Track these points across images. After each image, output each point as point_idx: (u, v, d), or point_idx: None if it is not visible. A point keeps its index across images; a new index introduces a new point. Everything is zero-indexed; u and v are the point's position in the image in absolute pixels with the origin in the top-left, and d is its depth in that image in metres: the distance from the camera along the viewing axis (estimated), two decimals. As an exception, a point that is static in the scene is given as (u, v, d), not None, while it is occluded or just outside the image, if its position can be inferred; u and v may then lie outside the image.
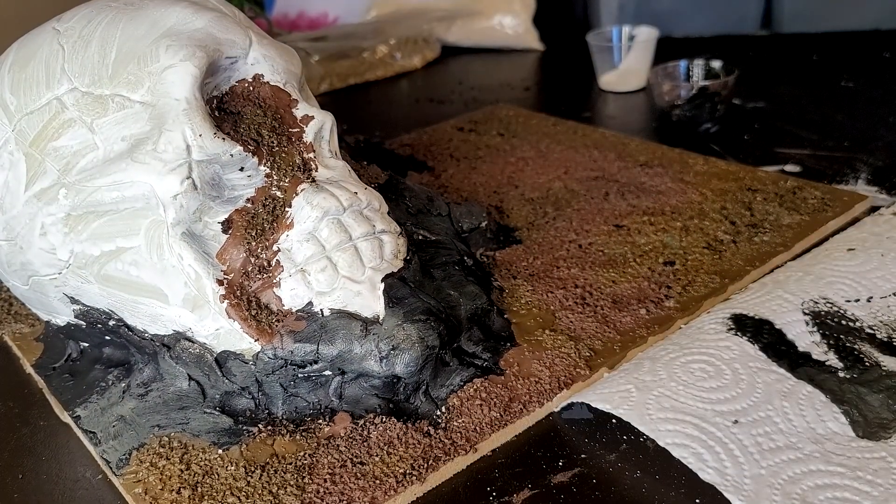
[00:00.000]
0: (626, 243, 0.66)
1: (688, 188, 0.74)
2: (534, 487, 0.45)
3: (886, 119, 0.88)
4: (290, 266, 0.49)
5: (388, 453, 0.47)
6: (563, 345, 0.54)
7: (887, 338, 0.52)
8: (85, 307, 0.53)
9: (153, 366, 0.53)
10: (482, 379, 0.52)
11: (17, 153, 0.51)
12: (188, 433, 0.50)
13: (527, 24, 1.31)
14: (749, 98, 0.98)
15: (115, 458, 0.49)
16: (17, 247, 0.52)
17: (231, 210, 0.50)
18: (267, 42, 0.54)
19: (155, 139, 0.48)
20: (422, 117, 1.05)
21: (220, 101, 0.52)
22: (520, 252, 0.67)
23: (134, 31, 0.50)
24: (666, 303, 0.58)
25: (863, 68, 1.05)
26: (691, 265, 0.62)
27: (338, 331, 0.48)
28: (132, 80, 0.49)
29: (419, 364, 0.48)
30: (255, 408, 0.51)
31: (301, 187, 0.51)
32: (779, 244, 0.64)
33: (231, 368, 0.50)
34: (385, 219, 0.53)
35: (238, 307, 0.48)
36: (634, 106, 1.03)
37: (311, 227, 0.50)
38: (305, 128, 0.53)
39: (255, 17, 1.44)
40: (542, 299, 0.60)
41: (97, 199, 0.49)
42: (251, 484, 0.46)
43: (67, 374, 0.57)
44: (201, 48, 0.50)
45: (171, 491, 0.46)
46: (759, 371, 0.49)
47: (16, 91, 0.51)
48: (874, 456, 0.43)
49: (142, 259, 0.49)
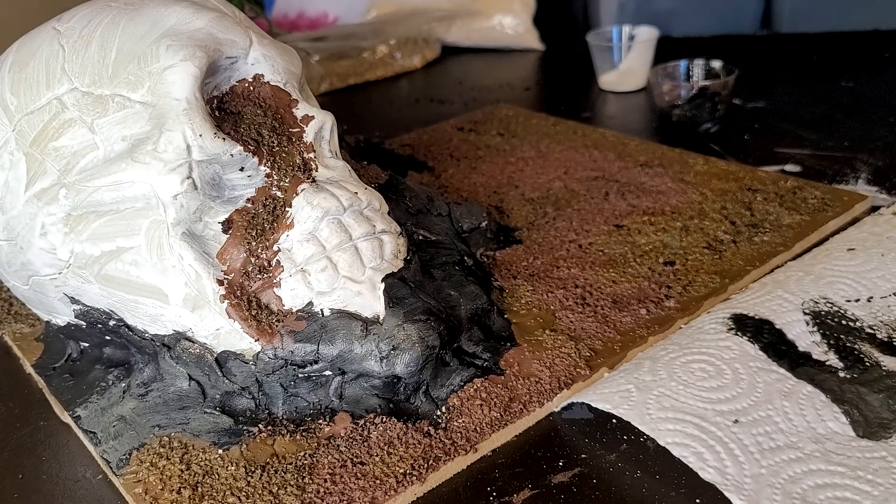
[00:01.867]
0: (627, 243, 0.66)
1: (688, 188, 0.74)
2: (534, 487, 0.45)
3: (886, 119, 0.88)
4: (291, 266, 0.49)
5: (389, 453, 0.47)
6: (563, 345, 0.54)
7: (887, 338, 0.52)
8: (85, 307, 0.53)
9: (153, 366, 0.53)
10: (482, 379, 0.52)
11: (18, 153, 0.51)
12: (188, 433, 0.50)
13: (527, 24, 1.31)
14: (749, 98, 0.99)
15: (115, 458, 0.49)
16: (17, 247, 0.52)
17: (231, 210, 0.50)
18: (267, 42, 0.54)
19: (155, 139, 0.48)
20: (422, 117, 1.05)
21: (221, 101, 0.52)
22: (520, 252, 0.67)
23: (134, 31, 0.50)
24: (666, 303, 0.58)
25: (863, 68, 1.05)
26: (691, 265, 0.62)
27: (338, 331, 0.48)
28: (132, 80, 0.49)
29: (419, 364, 0.48)
30: (255, 408, 0.51)
31: (301, 187, 0.51)
32: (779, 244, 0.64)
33: (231, 368, 0.50)
34: (385, 219, 0.53)
35: (238, 307, 0.48)
36: (634, 106, 1.03)
37: (312, 227, 0.50)
38: (306, 128, 0.53)
39: (256, 17, 1.44)
40: (543, 299, 0.60)
41: (97, 199, 0.49)
42: (251, 484, 0.46)
43: (67, 374, 0.57)
44: (201, 48, 0.50)
45: (171, 491, 0.46)
46: (760, 371, 0.49)
47: (16, 91, 0.51)
48: (874, 456, 0.43)
49: (142, 259, 0.49)
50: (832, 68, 1.07)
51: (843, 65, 1.07)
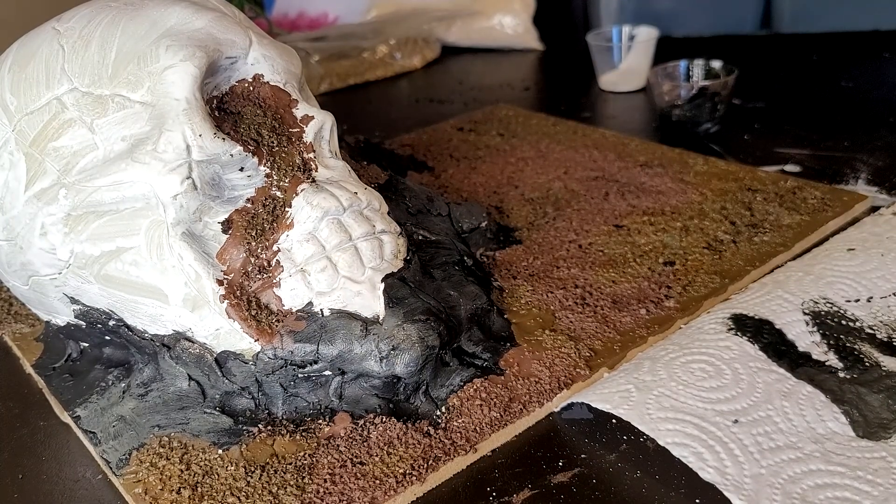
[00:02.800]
0: (626, 243, 0.66)
1: (688, 188, 0.74)
2: (534, 487, 0.45)
3: (886, 119, 0.88)
4: (290, 266, 0.49)
5: (388, 453, 0.47)
6: (562, 345, 0.54)
7: (887, 338, 0.52)
8: (85, 307, 0.53)
9: (153, 366, 0.53)
10: (482, 379, 0.52)
11: (18, 153, 0.51)
12: (188, 433, 0.50)
13: (527, 24, 1.31)
14: (749, 98, 0.98)
15: (115, 459, 0.49)
16: (17, 247, 0.52)
17: (231, 210, 0.50)
18: (267, 42, 0.54)
19: (155, 139, 0.48)
20: (422, 117, 1.05)
21: (220, 101, 0.52)
22: (520, 252, 0.67)
23: (134, 31, 0.50)
24: (666, 303, 0.58)
25: (863, 68, 1.05)
26: (691, 265, 0.62)
27: (338, 331, 0.48)
28: (132, 80, 0.49)
29: (419, 364, 0.48)
30: (255, 408, 0.51)
31: (301, 187, 0.51)
32: (779, 244, 0.64)
33: (231, 368, 0.50)
34: (385, 219, 0.53)
35: (238, 307, 0.48)
36: (634, 106, 1.03)
37: (311, 227, 0.50)
38: (305, 128, 0.53)
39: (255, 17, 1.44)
40: (542, 299, 0.60)
41: (97, 199, 0.49)
42: (251, 484, 0.46)
43: (67, 374, 0.57)
44: (201, 48, 0.50)
45: (171, 491, 0.46)
46: (759, 371, 0.49)
47: (16, 91, 0.51)
48: (874, 456, 0.43)
49: (142, 259, 0.49)
50: (832, 68, 1.06)
51: (843, 65, 1.07)
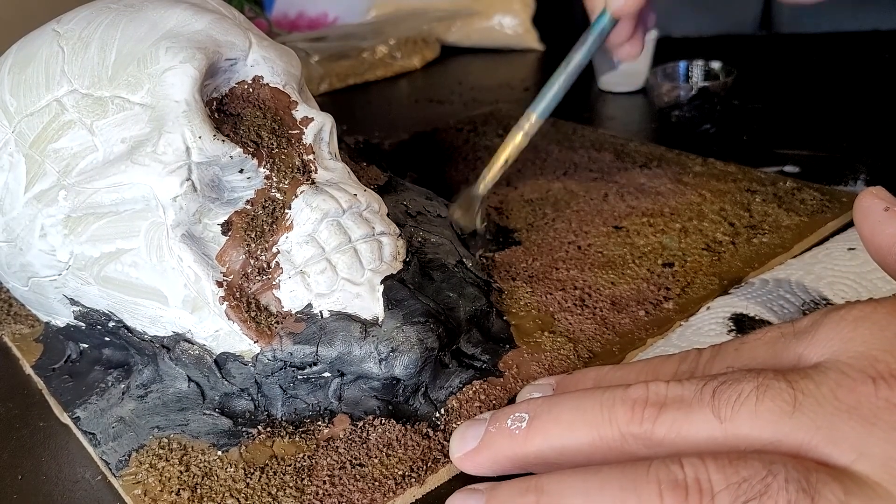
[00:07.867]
0: (625, 245, 0.66)
1: (687, 189, 0.74)
2: (533, 489, 0.45)
3: (886, 119, 0.88)
4: (290, 268, 0.49)
5: (387, 455, 0.47)
6: (562, 347, 0.54)
7: (886, 340, 0.52)
8: (85, 308, 0.53)
9: (153, 367, 0.53)
10: (481, 381, 0.52)
11: (17, 155, 0.51)
12: (188, 435, 0.50)
13: (527, 24, 1.31)
14: (748, 99, 0.99)
15: (114, 460, 0.49)
16: (16, 248, 0.53)
17: (230, 212, 0.50)
18: (267, 44, 0.54)
19: (154, 141, 0.48)
20: (422, 117, 1.05)
21: (220, 103, 0.52)
22: (519, 253, 0.67)
23: (134, 33, 0.50)
24: (665, 304, 0.58)
25: (863, 68, 1.05)
26: (690, 267, 0.62)
27: (337, 333, 0.48)
28: (132, 82, 0.49)
29: (418, 366, 0.48)
30: (254, 409, 0.51)
31: (300, 189, 0.51)
32: (778, 245, 0.64)
33: (230, 370, 0.50)
34: (384, 220, 0.53)
35: (238, 309, 0.48)
36: (634, 106, 1.03)
37: (311, 229, 0.50)
38: (305, 129, 0.53)
39: (255, 18, 1.44)
40: (541, 301, 0.60)
41: (97, 200, 0.49)
42: (250, 485, 0.46)
43: (67, 375, 0.57)
44: (201, 50, 0.50)
45: (170, 492, 0.46)
46: (758, 373, 0.49)
47: (15, 93, 0.51)
48: (872, 458, 0.43)
49: (141, 261, 0.49)
50: (832, 68, 1.07)
51: (843, 65, 1.07)
